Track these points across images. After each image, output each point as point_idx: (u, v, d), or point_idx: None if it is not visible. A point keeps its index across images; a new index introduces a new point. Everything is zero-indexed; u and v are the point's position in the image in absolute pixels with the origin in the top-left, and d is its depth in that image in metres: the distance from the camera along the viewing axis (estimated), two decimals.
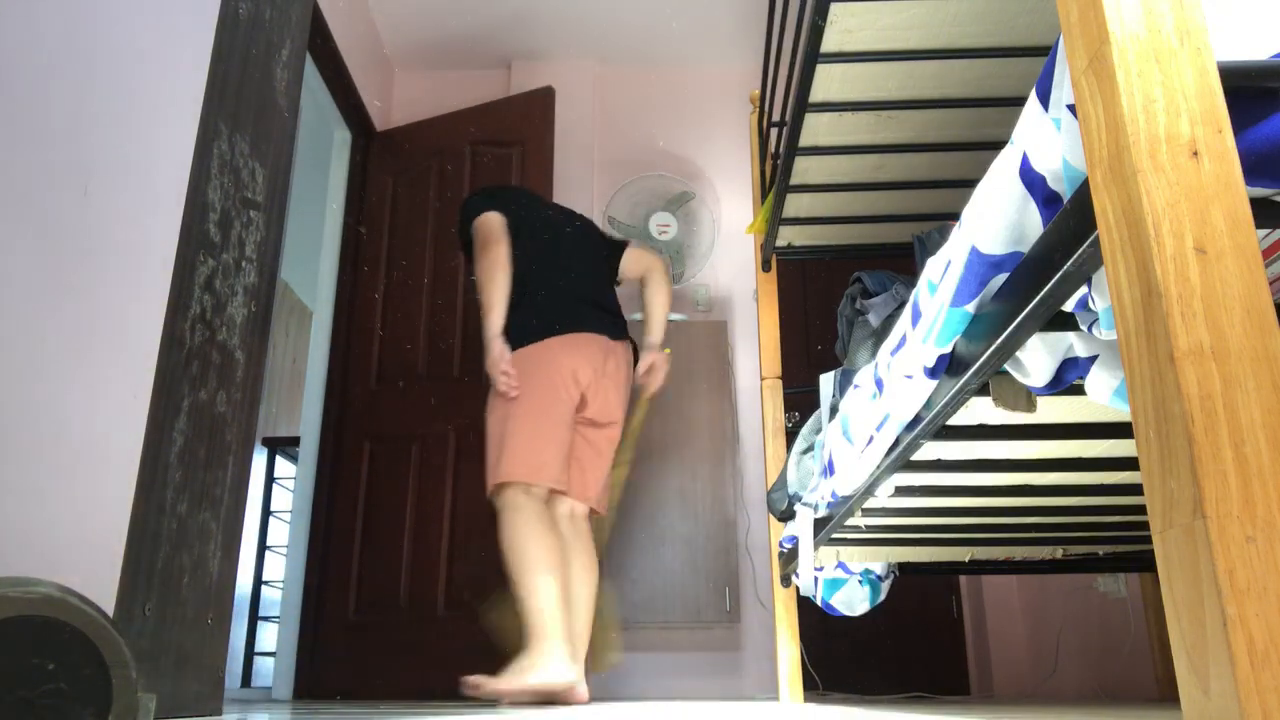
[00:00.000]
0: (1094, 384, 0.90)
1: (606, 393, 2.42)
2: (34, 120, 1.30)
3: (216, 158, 1.72)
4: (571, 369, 2.33)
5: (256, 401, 1.85)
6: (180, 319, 1.59)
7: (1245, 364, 0.53)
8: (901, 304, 1.76)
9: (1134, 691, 2.80)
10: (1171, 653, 0.74)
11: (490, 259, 2.35)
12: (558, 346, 2.33)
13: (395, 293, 3.56)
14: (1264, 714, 0.47)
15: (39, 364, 1.29)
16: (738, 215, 3.95)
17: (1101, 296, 0.75)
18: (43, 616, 0.73)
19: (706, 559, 3.24)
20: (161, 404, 1.52)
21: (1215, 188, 0.57)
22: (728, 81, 4.17)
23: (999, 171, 0.87)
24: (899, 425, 1.24)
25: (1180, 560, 0.53)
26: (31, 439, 1.27)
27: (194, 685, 1.57)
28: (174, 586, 1.54)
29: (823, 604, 2.32)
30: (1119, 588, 2.84)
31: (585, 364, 2.36)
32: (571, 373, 2.33)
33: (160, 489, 1.51)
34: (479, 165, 3.62)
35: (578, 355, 2.35)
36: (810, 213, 2.47)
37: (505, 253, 2.37)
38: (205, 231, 1.67)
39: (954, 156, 2.15)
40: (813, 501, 1.87)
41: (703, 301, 3.84)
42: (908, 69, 1.83)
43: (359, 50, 3.64)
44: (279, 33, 2.00)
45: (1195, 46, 0.60)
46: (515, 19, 3.89)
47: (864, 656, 3.44)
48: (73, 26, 1.40)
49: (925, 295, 1.09)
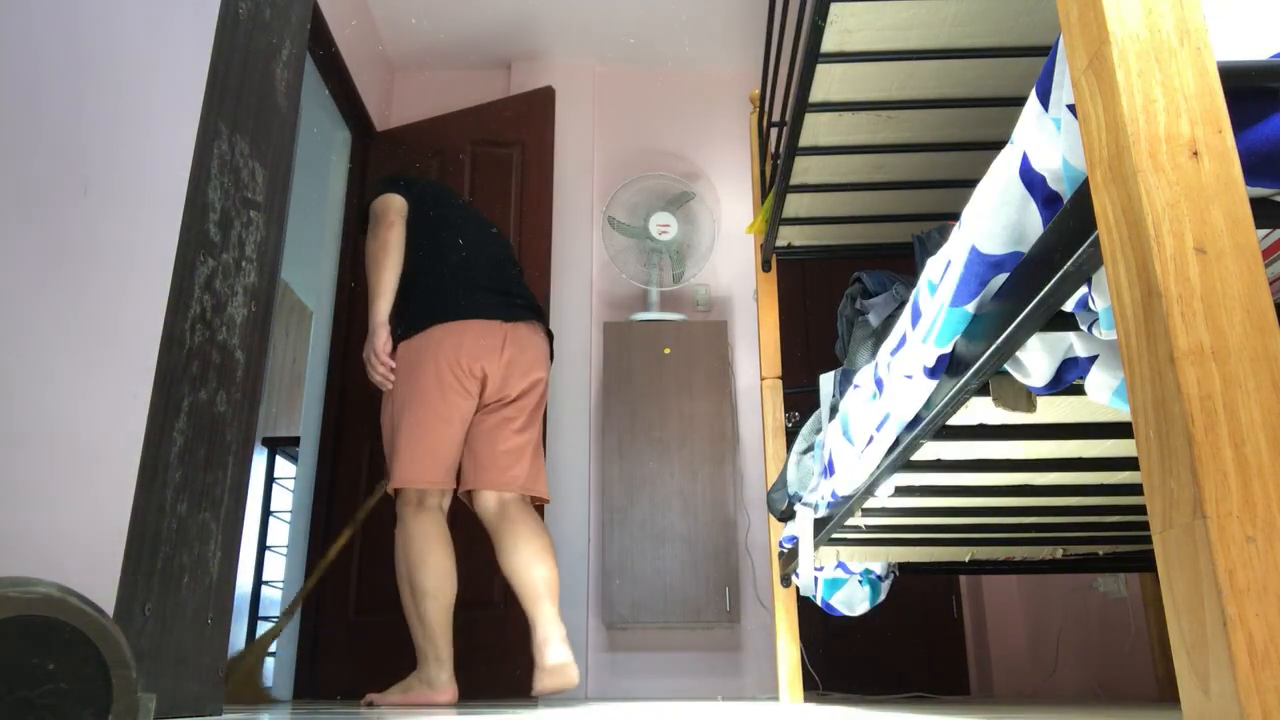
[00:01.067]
0: (1094, 384, 0.90)
1: (508, 373, 2.28)
2: (34, 120, 1.30)
3: (216, 158, 1.72)
4: (458, 358, 2.20)
5: (256, 401, 1.85)
6: (180, 319, 1.59)
7: (1245, 364, 0.53)
8: (901, 304, 1.76)
9: (1134, 691, 2.80)
10: (1171, 653, 0.74)
11: (381, 241, 2.23)
12: (441, 335, 2.21)
13: None
14: (1264, 714, 0.47)
15: (38, 364, 1.29)
16: (738, 215, 3.95)
17: (1101, 296, 0.75)
18: (43, 616, 0.73)
19: (706, 559, 3.24)
20: (161, 404, 1.52)
21: (1215, 188, 0.57)
22: (728, 81, 4.17)
23: (999, 171, 0.87)
24: (899, 425, 1.24)
25: (1180, 560, 0.53)
26: (31, 439, 1.27)
27: (194, 685, 1.57)
28: (174, 586, 1.54)
29: (823, 604, 2.32)
30: (1119, 588, 2.84)
31: (476, 351, 2.22)
32: (459, 361, 2.20)
33: (160, 489, 1.51)
34: (479, 165, 3.62)
35: (466, 342, 2.21)
36: (810, 213, 2.47)
37: (398, 236, 2.25)
38: (205, 231, 1.68)
39: (954, 156, 2.15)
40: (813, 501, 1.87)
41: (703, 301, 3.84)
42: (908, 69, 1.83)
43: (359, 50, 3.64)
44: (279, 33, 2.00)
45: (1195, 46, 0.60)
46: (515, 19, 3.89)
47: (864, 656, 3.44)
48: (72, 26, 1.40)
49: (925, 295, 1.09)
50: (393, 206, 2.31)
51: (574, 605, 3.34)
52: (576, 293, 3.77)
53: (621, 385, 3.44)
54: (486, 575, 3.04)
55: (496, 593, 3.02)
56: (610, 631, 3.39)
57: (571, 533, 3.44)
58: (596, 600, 3.41)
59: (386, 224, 2.25)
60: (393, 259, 2.23)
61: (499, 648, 2.96)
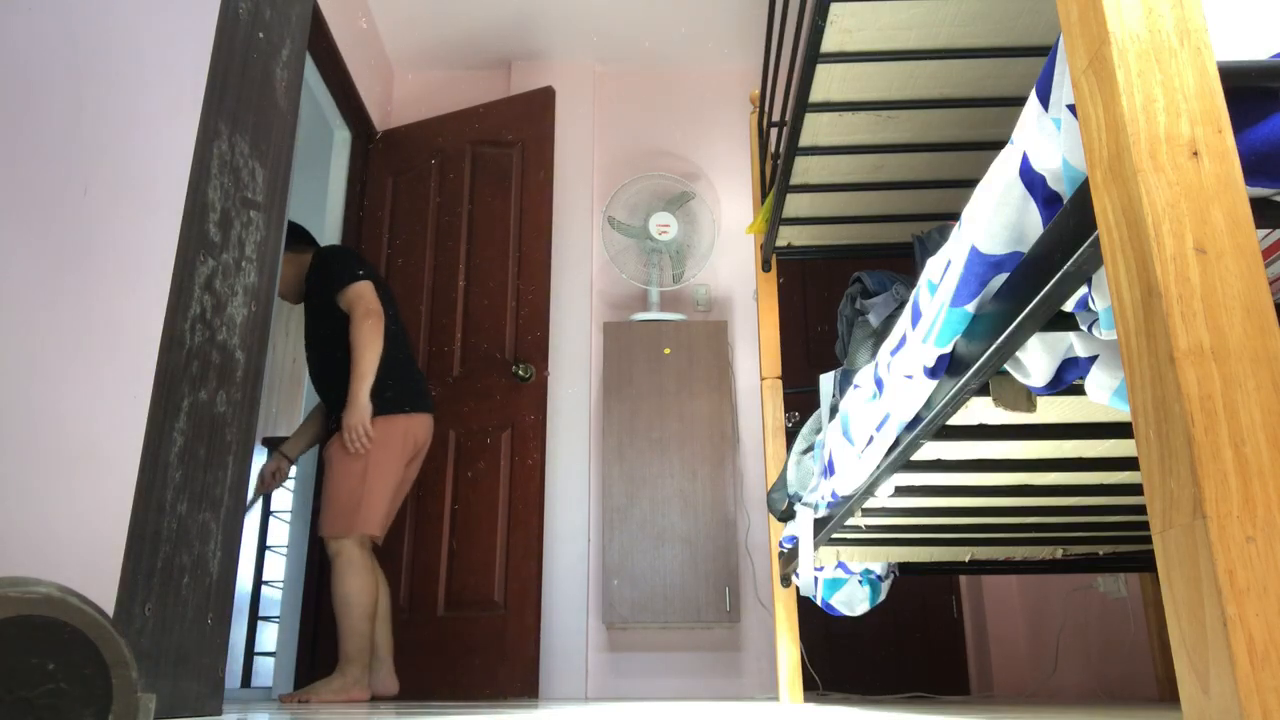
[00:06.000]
0: (1094, 384, 0.90)
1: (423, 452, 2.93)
2: (34, 120, 1.30)
3: (216, 158, 1.72)
4: (415, 441, 2.81)
5: (256, 401, 1.85)
6: (180, 319, 1.59)
7: (1245, 364, 0.53)
8: (901, 304, 1.76)
9: (1134, 691, 2.80)
10: (1171, 653, 0.74)
11: (375, 331, 2.70)
12: (407, 422, 2.77)
13: (395, 293, 3.56)
14: (1264, 714, 0.47)
15: (39, 364, 1.29)
16: (738, 215, 3.95)
17: (1101, 296, 0.75)
18: (43, 616, 0.73)
19: (706, 559, 3.24)
20: (161, 404, 1.52)
21: (1215, 188, 0.57)
22: (728, 81, 4.17)
23: (999, 171, 0.87)
24: (899, 425, 1.24)
25: (1180, 560, 0.53)
26: (31, 439, 1.27)
27: (194, 685, 1.57)
28: (174, 586, 1.54)
29: (823, 604, 2.32)
30: (1119, 588, 2.84)
31: (423, 437, 2.85)
32: (413, 443, 2.81)
33: (160, 489, 1.51)
34: (479, 165, 3.62)
35: (420, 431, 2.83)
36: (810, 213, 2.47)
37: (384, 327, 2.75)
38: (205, 231, 1.67)
39: (954, 156, 2.15)
40: (813, 501, 1.87)
41: (703, 301, 3.84)
42: (908, 69, 1.83)
43: (359, 50, 3.64)
44: (279, 33, 2.00)
45: (1195, 46, 0.60)
46: (515, 19, 3.89)
47: (864, 656, 3.44)
48: (72, 27, 1.40)
49: (925, 295, 1.09)
50: (374, 295, 2.75)
51: (574, 605, 3.35)
52: (576, 293, 3.77)
53: (621, 385, 3.44)
54: (487, 576, 3.04)
55: (496, 593, 3.02)
56: (610, 631, 3.39)
57: (571, 533, 3.44)
58: (596, 600, 3.41)
59: (377, 315, 2.72)
60: (380, 346, 2.71)
61: (499, 648, 2.96)
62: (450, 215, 3.58)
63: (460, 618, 3.03)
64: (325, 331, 2.82)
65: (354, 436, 2.63)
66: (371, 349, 2.68)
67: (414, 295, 3.53)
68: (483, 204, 3.54)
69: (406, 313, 3.51)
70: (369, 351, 2.68)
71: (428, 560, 3.14)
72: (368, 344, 2.68)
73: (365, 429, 2.64)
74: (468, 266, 3.49)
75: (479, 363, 3.34)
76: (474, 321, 3.40)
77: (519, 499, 3.11)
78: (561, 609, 3.35)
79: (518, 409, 3.23)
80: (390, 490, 2.72)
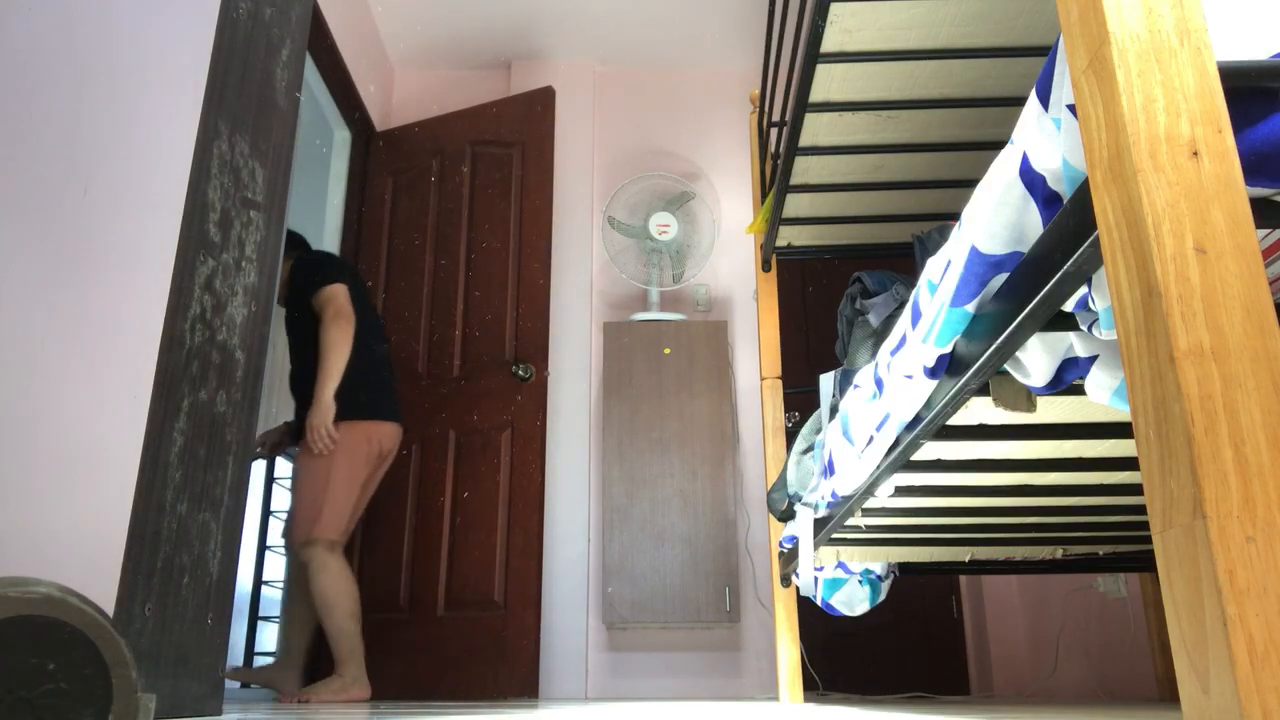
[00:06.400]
0: (1094, 384, 0.90)
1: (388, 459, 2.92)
2: (34, 120, 1.30)
3: (216, 158, 1.72)
4: (380, 447, 2.80)
5: (256, 401, 1.85)
6: (180, 319, 1.59)
7: (1245, 364, 0.53)
8: (901, 304, 1.76)
9: (1134, 691, 2.80)
10: (1171, 653, 0.74)
11: (344, 333, 2.70)
12: (372, 429, 2.77)
13: (395, 293, 3.56)
14: (1264, 714, 0.47)
15: (39, 364, 1.29)
16: (738, 215, 3.95)
17: (1101, 296, 0.75)
18: (43, 616, 0.73)
19: (706, 559, 3.24)
20: (161, 404, 1.52)
21: (1215, 188, 0.57)
22: (728, 81, 4.17)
23: (999, 171, 0.87)
24: (899, 425, 1.24)
25: (1180, 560, 0.53)
26: (31, 439, 1.27)
27: (194, 685, 1.57)
28: (174, 586, 1.54)
29: (823, 604, 2.32)
30: (1119, 588, 2.84)
31: (390, 445, 2.84)
32: (378, 450, 2.80)
33: (160, 489, 1.51)
34: (479, 165, 3.62)
35: (386, 439, 2.82)
36: (810, 213, 2.47)
37: (354, 330, 2.74)
38: (205, 231, 1.67)
39: (954, 156, 2.15)
40: (813, 501, 1.87)
41: (703, 301, 3.84)
42: (908, 69, 1.83)
43: (359, 50, 3.64)
44: (279, 33, 2.00)
45: (1195, 46, 0.60)
46: (515, 19, 3.89)
47: (864, 656, 3.44)
48: (72, 26, 1.40)
49: (925, 295, 1.09)
50: (346, 298, 2.75)
51: (574, 605, 3.35)
52: (576, 293, 3.77)
53: (621, 385, 3.44)
54: (486, 576, 3.04)
55: (496, 593, 3.02)
56: (610, 631, 3.39)
57: (571, 533, 3.44)
58: (596, 600, 3.41)
59: (347, 317, 2.72)
60: (348, 349, 2.72)
61: (499, 648, 2.96)
62: (450, 215, 3.58)
63: (460, 618, 3.03)
64: (301, 333, 2.83)
65: (316, 436, 2.65)
66: (338, 350, 2.68)
67: (414, 295, 3.53)
68: (483, 204, 3.54)
69: (406, 313, 3.51)
70: (335, 353, 2.69)
71: (427, 560, 3.14)
72: (335, 345, 2.69)
73: (328, 430, 2.65)
74: (468, 266, 3.49)
75: (479, 363, 3.34)
76: (474, 321, 3.40)
77: (519, 499, 3.11)
78: (561, 609, 3.35)
79: (518, 409, 3.23)
80: (354, 495, 2.73)
